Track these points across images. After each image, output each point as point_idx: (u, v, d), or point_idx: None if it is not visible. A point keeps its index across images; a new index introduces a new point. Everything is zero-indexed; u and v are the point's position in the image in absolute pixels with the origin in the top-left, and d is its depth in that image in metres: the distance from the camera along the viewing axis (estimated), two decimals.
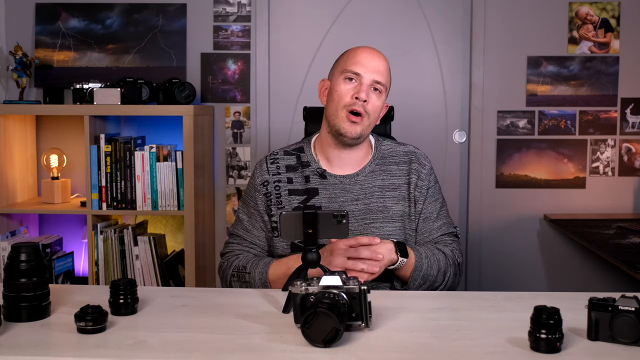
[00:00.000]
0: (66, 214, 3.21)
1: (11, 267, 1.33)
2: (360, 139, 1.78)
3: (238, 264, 1.78)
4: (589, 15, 3.22)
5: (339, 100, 1.76)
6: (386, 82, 1.78)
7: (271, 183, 1.84)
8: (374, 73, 1.75)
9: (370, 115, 1.75)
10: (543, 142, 3.26)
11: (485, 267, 3.31)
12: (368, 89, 1.74)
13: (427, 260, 1.72)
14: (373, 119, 1.78)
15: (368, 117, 1.75)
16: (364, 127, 1.75)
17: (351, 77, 1.75)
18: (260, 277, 1.72)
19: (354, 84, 1.75)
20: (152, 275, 3.03)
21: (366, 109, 1.74)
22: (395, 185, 1.82)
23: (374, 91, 1.76)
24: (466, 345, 1.22)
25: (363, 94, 1.72)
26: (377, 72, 1.75)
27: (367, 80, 1.74)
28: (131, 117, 3.28)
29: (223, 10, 3.30)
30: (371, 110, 1.75)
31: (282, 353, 1.18)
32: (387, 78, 1.79)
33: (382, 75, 1.76)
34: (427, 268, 1.71)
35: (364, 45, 1.83)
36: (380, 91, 1.76)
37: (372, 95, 1.75)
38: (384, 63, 1.78)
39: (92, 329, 1.25)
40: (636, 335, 1.16)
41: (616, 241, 2.55)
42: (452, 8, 3.30)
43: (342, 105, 1.75)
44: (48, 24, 3.32)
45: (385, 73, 1.78)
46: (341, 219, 1.45)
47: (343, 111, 1.74)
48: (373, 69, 1.75)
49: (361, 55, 1.77)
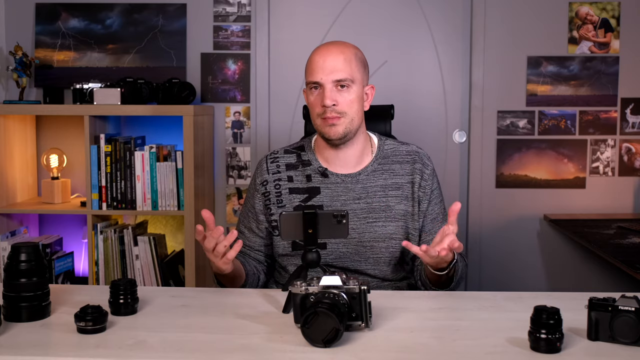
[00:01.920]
0: (66, 214, 3.21)
1: (11, 267, 1.33)
2: (347, 136, 1.76)
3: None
4: (589, 15, 3.22)
5: (312, 111, 1.77)
6: (349, 74, 1.72)
7: (270, 182, 1.84)
8: (330, 74, 1.71)
9: (347, 113, 1.73)
10: (543, 142, 3.26)
11: (485, 267, 3.31)
12: (332, 92, 1.71)
13: (461, 263, 1.71)
14: (353, 112, 1.75)
15: (345, 114, 1.73)
16: (345, 125, 1.74)
17: (313, 87, 1.75)
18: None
19: (318, 92, 1.74)
20: (152, 275, 3.03)
21: (337, 110, 1.72)
22: (398, 185, 1.82)
23: (341, 89, 1.73)
24: (466, 345, 1.22)
25: (327, 100, 1.71)
26: (334, 70, 1.71)
27: (328, 84, 1.72)
28: (131, 117, 3.27)
29: (223, 10, 3.30)
30: (345, 107, 1.73)
31: (282, 353, 1.18)
32: (350, 69, 1.73)
33: (341, 71, 1.71)
34: (460, 272, 1.70)
35: (321, 46, 1.79)
36: (348, 85, 1.73)
37: (338, 95, 1.72)
38: (340, 56, 1.73)
39: (92, 329, 1.25)
40: (636, 335, 1.17)
41: (616, 241, 2.55)
42: (452, 8, 3.30)
43: (316, 115, 1.76)
44: (48, 24, 3.32)
45: (345, 66, 1.72)
46: (341, 219, 1.45)
47: (318, 119, 1.75)
48: (329, 70, 1.71)
49: (315, 61, 1.74)
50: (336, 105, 1.72)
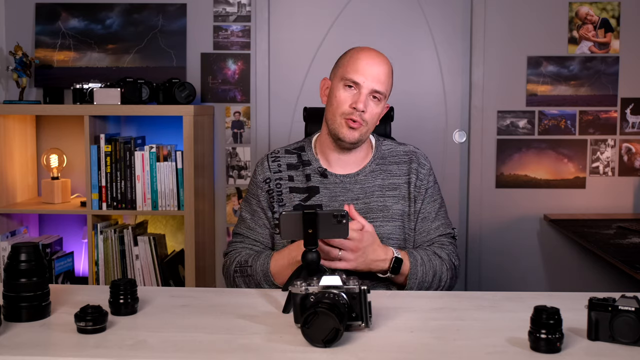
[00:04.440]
0: (66, 214, 3.21)
1: (11, 267, 1.33)
2: (358, 143, 1.79)
3: (240, 259, 1.79)
4: (589, 15, 3.22)
5: (337, 107, 1.75)
6: (386, 89, 1.76)
7: (273, 180, 1.85)
8: (373, 82, 1.73)
9: (368, 122, 1.76)
10: (543, 142, 3.26)
11: (485, 267, 3.31)
12: (366, 99, 1.73)
13: (423, 267, 1.71)
14: (371, 124, 1.78)
15: (366, 124, 1.75)
16: (362, 133, 1.76)
17: (350, 85, 1.74)
18: (262, 269, 1.71)
19: (352, 92, 1.74)
20: (152, 275, 3.03)
21: (364, 117, 1.74)
22: (395, 185, 1.83)
23: (373, 99, 1.75)
24: (466, 345, 1.22)
25: (361, 105, 1.72)
26: (377, 80, 1.73)
27: (366, 90, 1.73)
28: (131, 117, 3.27)
29: (223, 10, 3.30)
30: (369, 118, 1.75)
31: (282, 353, 1.18)
32: (388, 85, 1.77)
33: (381, 83, 1.74)
34: (422, 275, 1.71)
35: (366, 48, 1.80)
36: (379, 99, 1.76)
37: (370, 104, 1.74)
38: (384, 69, 1.76)
39: (92, 329, 1.25)
40: (636, 335, 1.17)
41: (616, 241, 2.55)
42: (452, 8, 3.30)
43: (340, 113, 1.75)
44: (48, 24, 3.32)
45: (386, 80, 1.76)
46: (341, 219, 1.45)
47: (341, 118, 1.75)
48: (373, 77, 1.73)
49: (362, 61, 1.74)
50: (364, 113, 1.73)
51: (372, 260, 1.64)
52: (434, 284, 1.74)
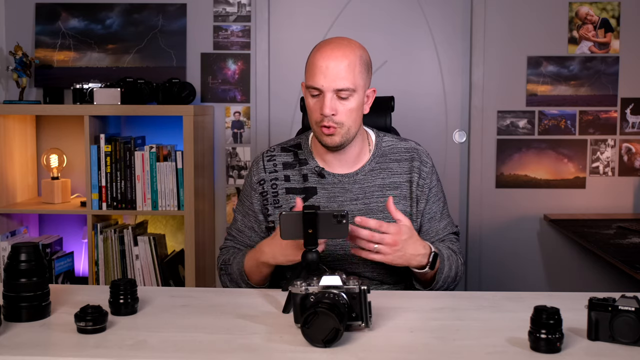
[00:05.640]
0: (66, 214, 3.21)
1: (11, 267, 1.33)
2: (344, 144, 1.72)
3: (225, 258, 1.80)
4: (589, 15, 3.22)
5: (310, 116, 1.71)
6: (352, 82, 1.64)
7: (268, 181, 1.81)
8: (333, 82, 1.63)
9: (344, 123, 1.67)
10: (543, 142, 3.26)
11: (485, 267, 3.31)
12: (332, 101, 1.64)
13: (448, 262, 1.70)
14: (351, 121, 1.69)
15: (342, 125, 1.67)
16: (342, 135, 1.69)
17: (313, 93, 1.67)
18: (238, 268, 1.72)
19: (317, 99, 1.67)
20: (152, 275, 3.03)
21: (336, 120, 1.66)
22: (397, 184, 1.79)
23: (340, 99, 1.65)
24: (466, 345, 1.22)
25: (327, 109, 1.64)
26: (337, 78, 1.63)
27: (328, 92, 1.64)
28: (131, 117, 3.27)
29: (223, 10, 3.30)
30: (344, 118, 1.67)
31: (282, 353, 1.18)
32: (352, 77, 1.64)
33: (344, 79, 1.63)
34: (447, 270, 1.69)
35: (323, 45, 1.70)
36: (347, 96, 1.66)
37: (338, 104, 1.65)
38: (344, 63, 1.63)
39: (92, 329, 1.25)
40: (636, 335, 1.17)
41: (616, 241, 2.55)
42: (452, 8, 3.30)
43: (314, 122, 1.69)
44: (48, 24, 3.32)
45: (348, 74, 1.64)
46: (341, 219, 1.45)
47: (317, 126, 1.69)
48: (332, 77, 1.63)
49: (317, 64, 1.65)
50: (335, 115, 1.65)
51: (412, 254, 1.59)
52: (451, 278, 1.71)
